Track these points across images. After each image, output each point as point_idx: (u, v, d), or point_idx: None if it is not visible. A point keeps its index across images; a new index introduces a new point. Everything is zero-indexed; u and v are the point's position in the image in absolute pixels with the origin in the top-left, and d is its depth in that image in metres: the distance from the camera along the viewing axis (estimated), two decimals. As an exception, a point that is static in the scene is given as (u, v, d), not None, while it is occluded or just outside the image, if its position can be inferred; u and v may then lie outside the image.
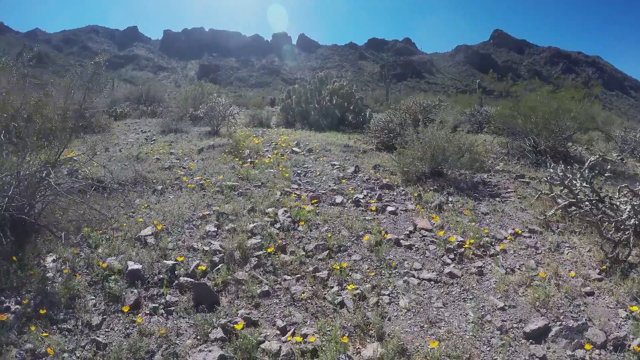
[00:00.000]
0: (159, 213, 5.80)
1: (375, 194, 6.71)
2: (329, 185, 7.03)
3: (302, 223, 5.31)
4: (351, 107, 15.74)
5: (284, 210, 5.59)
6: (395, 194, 6.94)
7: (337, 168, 8.19)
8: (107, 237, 5.21)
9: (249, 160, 8.73)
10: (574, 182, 6.41)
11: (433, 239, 5.24)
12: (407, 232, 5.38)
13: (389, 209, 6.11)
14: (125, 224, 5.44)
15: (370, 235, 5.14)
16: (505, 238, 5.43)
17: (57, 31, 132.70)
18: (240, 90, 49.50)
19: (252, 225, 5.17)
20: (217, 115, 13.17)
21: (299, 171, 7.88)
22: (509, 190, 7.87)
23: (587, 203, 5.97)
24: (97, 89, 6.09)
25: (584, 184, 6.33)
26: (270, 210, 5.68)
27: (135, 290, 4.14)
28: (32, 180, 5.29)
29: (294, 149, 9.73)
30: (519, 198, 7.34)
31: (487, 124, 16.88)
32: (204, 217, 5.62)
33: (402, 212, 6.15)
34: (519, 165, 9.90)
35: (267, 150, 9.77)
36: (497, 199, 7.20)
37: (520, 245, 5.27)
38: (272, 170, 7.81)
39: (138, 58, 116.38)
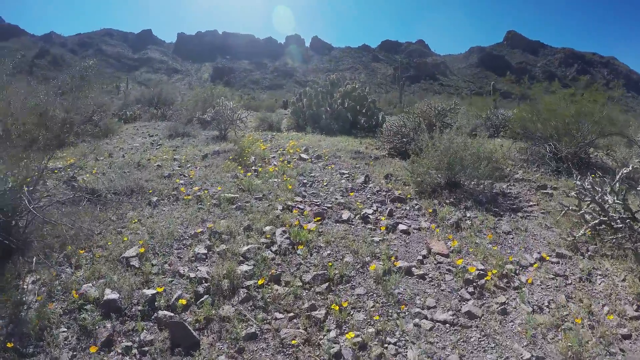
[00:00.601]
0: (149, 229, 5.27)
1: (386, 209, 6.08)
2: (336, 198, 6.41)
3: (302, 247, 4.65)
4: (363, 110, 15.08)
5: (283, 230, 4.94)
6: (408, 208, 6.30)
7: (346, 177, 7.58)
8: (92, 256, 4.73)
9: (254, 168, 8.19)
10: (605, 197, 5.70)
11: (450, 267, 4.55)
12: (420, 258, 4.71)
13: (401, 227, 5.47)
14: (110, 242, 4.93)
15: (378, 262, 4.48)
16: (531, 265, 4.74)
17: (72, 34, 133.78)
18: (254, 93, 49.12)
19: (245, 247, 4.56)
20: (224, 119, 12.67)
21: (305, 181, 7.30)
22: (530, 203, 7.18)
23: (619, 222, 5.27)
24: (84, 94, 5.58)
25: (616, 200, 5.61)
26: (268, 228, 5.07)
27: (109, 325, 3.61)
28: (13, 195, 4.83)
29: (302, 155, 9.15)
30: (542, 213, 6.65)
31: (503, 128, 16.12)
32: (195, 235, 5.06)
33: (415, 230, 5.50)
34: (539, 173, 9.16)
35: (273, 157, 9.21)
36: (519, 213, 6.52)
37: (548, 273, 4.58)
38: (276, 180, 7.24)
39: (152, 61, 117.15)
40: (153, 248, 4.79)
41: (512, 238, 5.55)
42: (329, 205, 6.10)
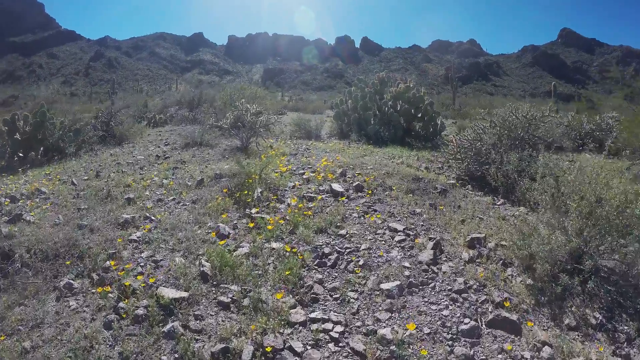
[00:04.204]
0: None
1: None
2: (377, 319, 2.96)
3: None
4: (419, 115, 11.36)
5: None
6: (528, 357, 2.73)
7: (400, 241, 4.11)
8: None
9: (255, 210, 4.98)
10: None
11: None
12: None
13: None
14: None
15: None
16: None
17: (126, 38, 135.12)
18: (304, 94, 46.08)
19: None
20: (246, 126, 9.58)
21: (326, 249, 3.92)
22: None
23: None
24: None
25: None
26: None
27: None
28: None
29: (334, 186, 5.73)
30: None
31: (588, 139, 12.14)
32: None
33: None
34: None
35: (292, 187, 5.90)
36: None
37: None
38: (276, 247, 3.95)
39: (204, 62, 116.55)
40: None
41: None
42: (361, 348, 2.67)
